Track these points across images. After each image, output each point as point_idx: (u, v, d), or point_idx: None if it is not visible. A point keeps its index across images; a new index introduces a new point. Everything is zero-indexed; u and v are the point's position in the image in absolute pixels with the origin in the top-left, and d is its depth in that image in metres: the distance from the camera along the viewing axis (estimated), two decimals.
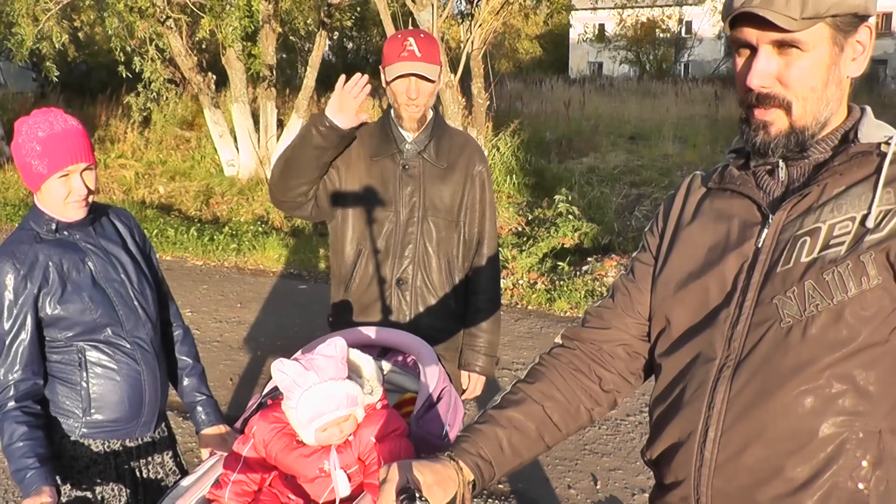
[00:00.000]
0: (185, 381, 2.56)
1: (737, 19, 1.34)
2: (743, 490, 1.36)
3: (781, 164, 1.43)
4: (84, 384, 2.25)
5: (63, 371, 2.25)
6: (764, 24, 1.30)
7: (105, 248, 2.33)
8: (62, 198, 2.18)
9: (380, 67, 2.80)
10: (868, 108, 1.43)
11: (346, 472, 1.97)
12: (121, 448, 2.35)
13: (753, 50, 1.36)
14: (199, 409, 2.52)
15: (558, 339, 1.68)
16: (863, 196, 1.33)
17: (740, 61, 1.39)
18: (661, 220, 1.63)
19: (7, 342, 2.15)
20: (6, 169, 13.57)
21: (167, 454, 2.49)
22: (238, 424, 2.34)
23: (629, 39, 36.75)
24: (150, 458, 2.43)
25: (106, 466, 2.32)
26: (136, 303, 2.35)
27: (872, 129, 1.39)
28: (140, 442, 2.40)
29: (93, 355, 2.26)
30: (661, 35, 36.65)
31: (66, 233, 2.26)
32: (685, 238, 1.54)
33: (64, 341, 2.23)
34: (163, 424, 2.50)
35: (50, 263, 2.20)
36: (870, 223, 1.29)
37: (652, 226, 1.66)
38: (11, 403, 2.13)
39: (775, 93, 1.35)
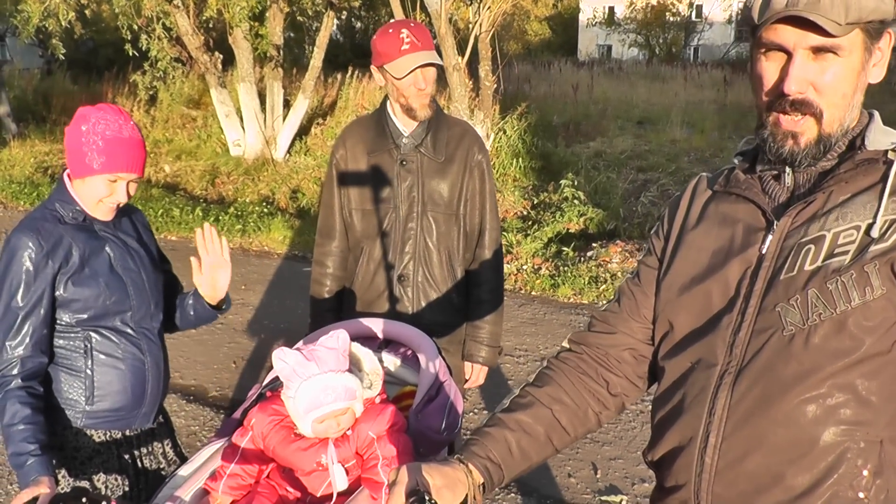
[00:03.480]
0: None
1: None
2: (743, 496, 1.36)
3: (788, 169, 1.41)
4: (88, 371, 2.25)
5: (68, 357, 2.25)
6: (806, 26, 1.27)
7: (123, 240, 2.35)
8: (101, 197, 2.21)
9: (372, 67, 2.75)
10: (876, 113, 1.41)
11: (343, 466, 1.97)
12: (122, 438, 2.36)
13: (785, 54, 1.32)
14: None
15: (565, 344, 1.68)
16: (868, 205, 1.31)
17: (769, 65, 1.35)
18: (667, 222, 1.62)
19: (21, 317, 2.15)
20: (12, 146, 13.58)
21: (166, 443, 2.51)
22: (237, 415, 2.34)
23: (639, 23, 36.51)
24: (150, 448, 2.44)
25: (108, 457, 2.33)
26: (149, 293, 2.37)
27: (879, 136, 1.37)
28: (139, 432, 2.41)
29: (99, 342, 2.26)
30: (671, 18, 36.38)
31: (87, 221, 2.27)
32: (689, 242, 1.53)
33: (73, 325, 2.23)
34: (160, 416, 2.51)
35: (73, 245, 2.21)
36: (874, 233, 1.28)
37: (657, 228, 1.65)
38: (17, 382, 2.12)
39: (810, 99, 1.32)
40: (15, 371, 2.13)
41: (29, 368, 2.15)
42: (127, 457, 2.37)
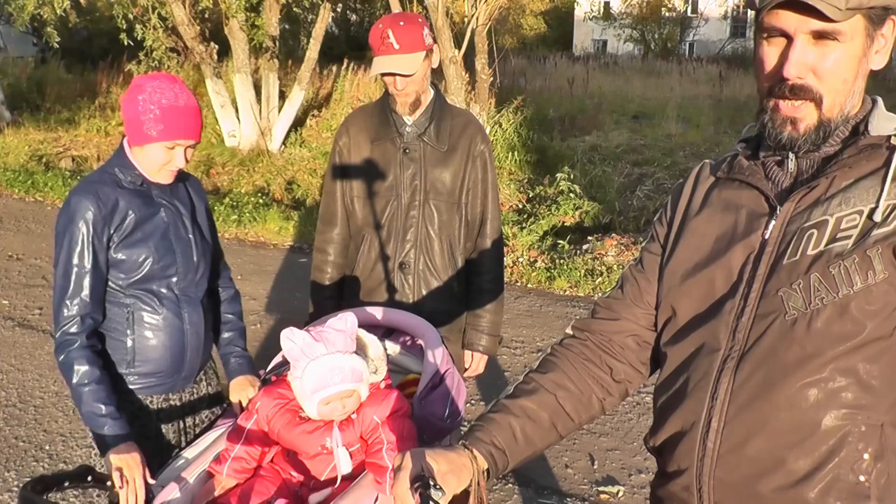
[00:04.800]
0: (226, 334, 2.63)
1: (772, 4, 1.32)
2: (745, 481, 1.37)
3: (791, 155, 1.42)
4: (130, 335, 2.31)
5: (111, 320, 2.30)
6: (807, 11, 1.28)
7: (177, 206, 2.40)
8: (160, 164, 2.27)
9: None
10: (879, 100, 1.42)
11: (347, 449, 1.99)
12: (164, 403, 2.41)
13: (786, 39, 1.33)
14: (234, 359, 2.58)
15: (569, 331, 1.69)
16: (871, 190, 1.32)
17: (770, 49, 1.36)
18: (670, 209, 1.63)
19: (79, 275, 2.20)
20: (6, 134, 13.52)
21: (214, 408, 2.56)
22: None
23: (634, 17, 36.48)
24: (195, 410, 2.50)
25: (147, 421, 2.37)
26: (196, 261, 2.41)
27: (883, 122, 1.38)
28: (182, 395, 2.46)
29: (142, 307, 2.31)
30: (667, 14, 36.36)
31: (145, 186, 2.33)
32: (693, 228, 1.54)
33: (120, 288, 2.29)
34: (210, 373, 2.57)
35: (129, 209, 2.26)
36: (877, 217, 1.29)
37: (661, 215, 1.65)
38: (82, 340, 2.18)
39: (809, 84, 1.33)
40: (75, 329, 2.19)
41: (88, 325, 2.21)
42: (170, 422, 2.42)
